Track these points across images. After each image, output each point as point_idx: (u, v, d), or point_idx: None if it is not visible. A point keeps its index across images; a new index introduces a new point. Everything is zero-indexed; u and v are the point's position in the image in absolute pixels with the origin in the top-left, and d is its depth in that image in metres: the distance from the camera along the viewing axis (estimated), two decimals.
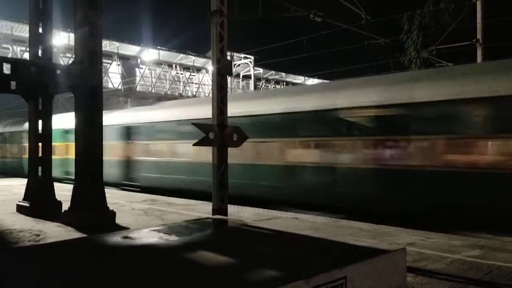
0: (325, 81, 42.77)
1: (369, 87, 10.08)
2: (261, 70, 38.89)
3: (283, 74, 42.41)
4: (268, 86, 42.02)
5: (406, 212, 8.90)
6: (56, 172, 11.41)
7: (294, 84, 43.87)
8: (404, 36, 25.92)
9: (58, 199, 9.79)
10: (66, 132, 18.21)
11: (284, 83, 43.60)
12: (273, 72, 41.17)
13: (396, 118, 9.28)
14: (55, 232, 7.48)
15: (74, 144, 8.52)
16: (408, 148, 9.05)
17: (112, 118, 16.50)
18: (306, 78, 43.01)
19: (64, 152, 18.94)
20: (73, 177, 8.96)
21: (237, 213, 9.54)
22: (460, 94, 8.38)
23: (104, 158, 8.57)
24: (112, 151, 15.96)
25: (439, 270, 5.11)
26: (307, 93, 11.76)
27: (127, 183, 16.30)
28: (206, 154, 10.25)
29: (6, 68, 7.66)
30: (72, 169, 9.75)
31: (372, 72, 22.66)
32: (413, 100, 8.97)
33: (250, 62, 35.75)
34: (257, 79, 39.51)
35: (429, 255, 5.83)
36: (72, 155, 10.54)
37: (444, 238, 6.96)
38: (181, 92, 34.90)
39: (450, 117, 8.56)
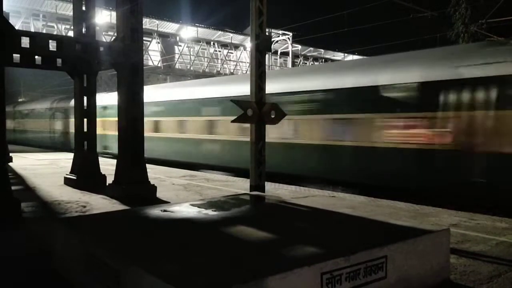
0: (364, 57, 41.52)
1: None
2: (299, 47, 38.21)
3: (322, 50, 41.49)
4: (306, 63, 41.31)
5: None
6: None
7: (333, 61, 42.89)
8: (451, 9, 24.56)
9: (102, 173, 10.20)
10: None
11: (323, 60, 42.70)
12: (312, 48, 40.34)
13: None
14: (100, 204, 7.81)
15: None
16: None
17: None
18: (346, 54, 41.90)
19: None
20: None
21: (274, 190, 9.59)
22: None
23: None
24: None
25: (483, 252, 4.95)
26: None
27: None
28: None
29: (52, 46, 7.90)
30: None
31: (415, 48, 21.70)
32: None
33: (288, 38, 35.16)
34: (295, 56, 38.90)
35: (473, 236, 5.65)
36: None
37: (488, 220, 6.72)
38: (219, 69, 35.01)
39: None
